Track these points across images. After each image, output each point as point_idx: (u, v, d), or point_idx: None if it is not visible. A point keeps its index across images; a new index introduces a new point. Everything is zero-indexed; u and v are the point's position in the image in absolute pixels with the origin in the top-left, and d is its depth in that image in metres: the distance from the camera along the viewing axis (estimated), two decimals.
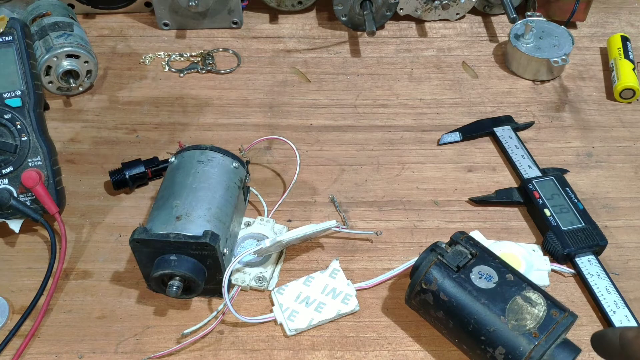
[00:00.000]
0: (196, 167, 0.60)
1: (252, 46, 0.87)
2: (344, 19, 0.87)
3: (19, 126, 0.61)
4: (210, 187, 0.59)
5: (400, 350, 0.57)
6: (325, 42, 0.88)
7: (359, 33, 0.90)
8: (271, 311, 0.59)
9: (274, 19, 0.92)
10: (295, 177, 0.68)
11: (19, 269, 0.62)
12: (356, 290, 0.60)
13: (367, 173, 0.72)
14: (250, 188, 0.67)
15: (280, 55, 0.86)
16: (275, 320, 0.58)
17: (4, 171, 0.61)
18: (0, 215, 0.62)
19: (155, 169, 0.69)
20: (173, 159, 0.62)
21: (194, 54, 0.85)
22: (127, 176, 0.68)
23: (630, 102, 0.80)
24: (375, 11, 0.86)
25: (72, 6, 0.87)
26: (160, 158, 0.70)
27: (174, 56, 0.85)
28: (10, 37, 0.62)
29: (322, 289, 0.60)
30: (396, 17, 0.90)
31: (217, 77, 0.83)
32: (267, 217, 0.66)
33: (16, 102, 0.62)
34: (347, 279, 0.60)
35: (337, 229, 0.64)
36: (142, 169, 0.68)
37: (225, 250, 0.57)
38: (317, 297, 0.59)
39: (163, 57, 0.85)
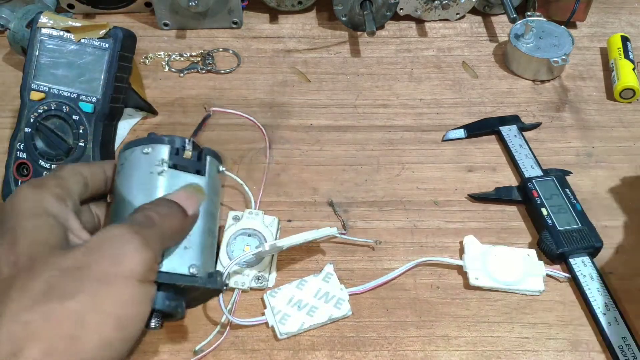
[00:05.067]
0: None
1: (252, 46, 0.87)
2: (344, 19, 0.87)
3: (81, 130, 0.62)
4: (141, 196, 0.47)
5: (400, 350, 0.57)
6: (325, 42, 0.88)
7: (359, 33, 0.90)
8: (263, 314, 0.58)
9: (274, 19, 0.92)
10: (267, 160, 0.67)
11: None
12: (350, 295, 0.59)
13: (367, 173, 0.72)
14: (233, 175, 0.63)
15: (280, 55, 0.86)
16: (266, 323, 0.58)
17: (53, 167, 0.61)
18: None
19: None
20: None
21: (194, 54, 0.85)
22: None
23: (630, 102, 0.80)
24: (375, 11, 0.86)
25: (72, 6, 0.87)
26: None
27: (174, 56, 0.85)
28: (107, 45, 0.63)
29: (314, 292, 0.59)
30: (396, 17, 0.90)
31: (217, 77, 0.83)
32: (255, 208, 0.66)
33: (88, 108, 0.62)
34: (341, 284, 0.60)
35: (337, 236, 0.63)
36: None
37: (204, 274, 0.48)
38: (309, 301, 0.59)
39: (163, 57, 0.85)
